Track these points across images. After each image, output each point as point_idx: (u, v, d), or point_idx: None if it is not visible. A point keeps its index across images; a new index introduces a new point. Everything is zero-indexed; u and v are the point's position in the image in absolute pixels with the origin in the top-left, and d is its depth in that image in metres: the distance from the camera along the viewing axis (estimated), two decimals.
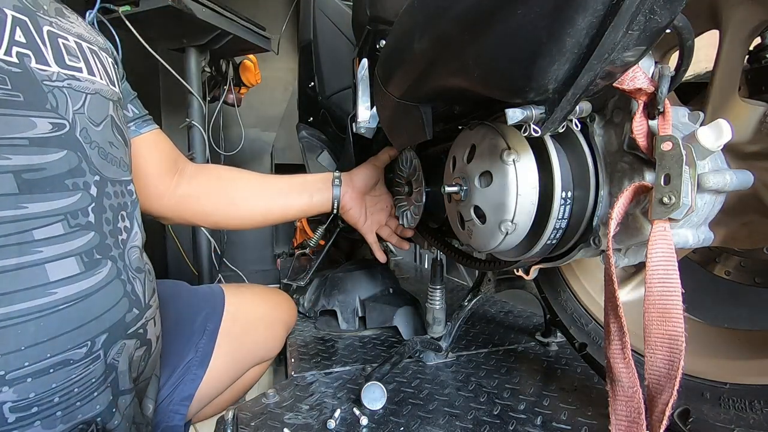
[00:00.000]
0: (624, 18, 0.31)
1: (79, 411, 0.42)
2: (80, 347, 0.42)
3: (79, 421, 0.42)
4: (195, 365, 0.68)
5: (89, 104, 0.45)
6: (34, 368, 0.39)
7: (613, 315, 0.43)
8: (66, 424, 0.41)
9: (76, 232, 0.41)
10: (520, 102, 0.40)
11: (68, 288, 0.41)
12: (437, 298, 0.85)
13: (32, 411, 0.39)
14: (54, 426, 0.40)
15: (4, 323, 0.37)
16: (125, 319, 0.47)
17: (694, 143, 0.41)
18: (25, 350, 0.38)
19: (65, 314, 0.40)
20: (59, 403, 0.41)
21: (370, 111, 0.80)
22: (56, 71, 0.42)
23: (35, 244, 0.38)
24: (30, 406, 0.39)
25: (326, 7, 1.33)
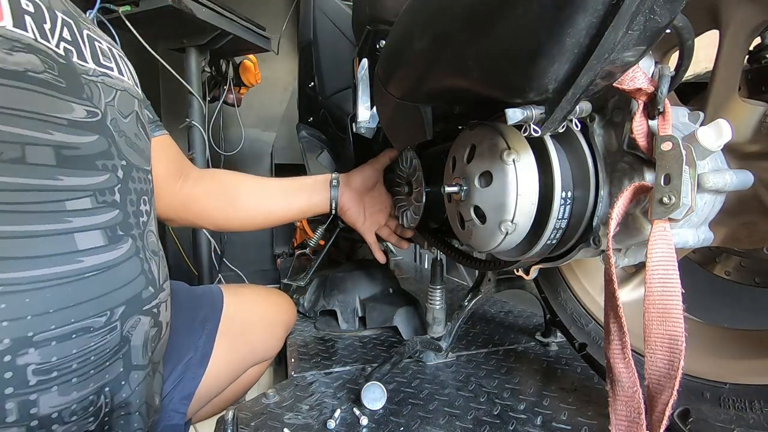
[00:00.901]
0: (624, 18, 0.31)
1: (92, 379, 0.44)
2: (100, 316, 0.44)
3: (91, 390, 0.44)
4: (194, 364, 0.68)
5: (119, 99, 0.50)
6: (59, 332, 0.41)
7: (613, 315, 0.43)
8: (79, 392, 0.43)
9: (102, 208, 0.45)
10: (520, 102, 0.40)
11: (94, 258, 0.43)
12: (437, 298, 0.85)
13: (52, 375, 0.41)
14: (69, 393, 0.42)
15: (37, 285, 0.39)
16: (141, 296, 0.49)
17: (694, 143, 0.41)
18: (52, 313, 0.40)
19: (90, 282, 0.43)
20: (76, 369, 0.42)
21: (370, 111, 0.80)
22: (93, 67, 0.47)
23: (66, 214, 0.41)
24: (51, 370, 0.41)
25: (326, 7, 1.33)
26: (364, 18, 0.80)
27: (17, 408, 0.39)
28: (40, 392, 0.40)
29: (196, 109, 1.53)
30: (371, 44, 0.79)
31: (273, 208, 0.80)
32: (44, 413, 0.41)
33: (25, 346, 0.39)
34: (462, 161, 0.58)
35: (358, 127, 0.82)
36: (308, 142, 1.32)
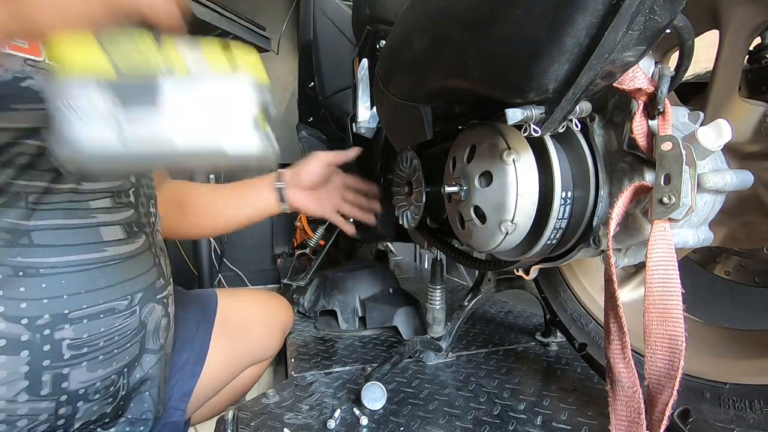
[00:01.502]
0: (624, 18, 0.31)
1: (115, 358, 0.50)
2: (123, 299, 0.50)
3: (113, 369, 0.50)
4: (191, 362, 0.69)
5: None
6: (90, 311, 0.47)
7: (613, 315, 0.43)
8: (104, 369, 0.49)
9: (120, 207, 0.51)
10: (520, 102, 0.40)
11: (116, 248, 0.50)
12: (437, 298, 0.85)
13: (83, 351, 0.47)
14: (95, 369, 0.48)
15: (71, 269, 0.46)
16: (155, 285, 0.56)
17: (694, 143, 0.41)
18: (84, 294, 0.47)
19: (113, 269, 0.50)
20: (103, 347, 0.48)
21: (370, 111, 0.80)
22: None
23: (91, 211, 0.48)
24: (82, 345, 0.46)
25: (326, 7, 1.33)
26: (364, 18, 0.80)
27: (51, 381, 0.45)
28: (72, 366, 0.46)
29: None
30: (371, 44, 0.79)
31: (223, 214, 0.80)
32: (73, 388, 0.46)
33: (61, 322, 0.45)
34: (462, 161, 0.58)
35: (358, 127, 0.82)
36: (308, 142, 1.32)
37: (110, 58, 0.26)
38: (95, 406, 0.50)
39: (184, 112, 0.27)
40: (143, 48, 0.27)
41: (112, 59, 0.26)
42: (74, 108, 0.26)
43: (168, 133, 0.26)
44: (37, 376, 0.44)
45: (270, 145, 0.29)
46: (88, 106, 0.26)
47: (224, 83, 0.28)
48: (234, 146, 0.28)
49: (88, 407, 0.49)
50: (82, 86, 0.25)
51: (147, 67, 0.26)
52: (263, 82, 0.30)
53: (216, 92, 0.27)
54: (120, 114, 0.26)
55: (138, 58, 0.27)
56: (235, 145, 0.28)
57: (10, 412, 0.44)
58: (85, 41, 0.26)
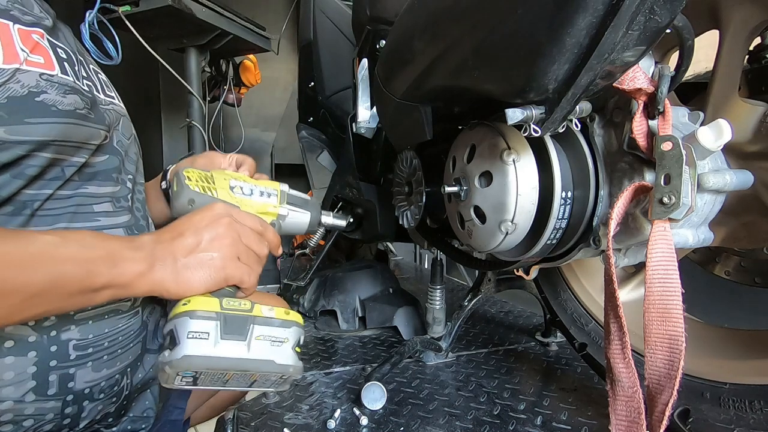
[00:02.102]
0: (624, 18, 0.31)
1: (118, 359, 0.50)
2: (126, 300, 0.50)
3: (117, 369, 0.50)
4: None
5: (122, 124, 0.56)
6: (94, 312, 0.47)
7: (613, 315, 0.43)
8: (109, 369, 0.49)
9: (120, 211, 0.52)
10: (520, 102, 0.40)
11: None
12: (437, 298, 0.85)
13: (88, 351, 0.47)
14: (100, 369, 0.48)
15: None
16: None
17: (694, 143, 0.41)
18: None
19: None
20: (108, 347, 0.49)
21: (370, 111, 0.80)
22: (103, 98, 0.54)
23: (95, 215, 0.49)
24: (87, 346, 0.46)
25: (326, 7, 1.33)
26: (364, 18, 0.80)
27: (58, 381, 0.45)
28: (78, 367, 0.46)
29: (196, 109, 1.53)
30: (371, 44, 0.79)
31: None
32: (79, 388, 0.46)
33: (67, 323, 0.45)
34: (462, 161, 0.58)
35: (358, 127, 0.82)
36: (308, 142, 1.32)
37: (221, 303, 0.43)
38: (100, 405, 0.50)
39: (260, 339, 0.44)
40: (237, 301, 0.44)
41: (223, 303, 0.43)
42: (193, 331, 0.41)
43: (244, 351, 0.43)
44: (44, 377, 0.44)
45: (300, 365, 0.45)
46: (201, 329, 0.41)
47: (283, 325, 0.45)
48: (282, 360, 0.44)
49: (94, 406, 0.49)
50: (201, 319, 0.41)
51: (240, 311, 0.43)
52: (301, 324, 0.47)
53: (278, 328, 0.45)
54: (219, 334, 0.42)
55: (236, 305, 0.44)
56: (283, 360, 0.44)
57: (17, 413, 0.44)
58: (207, 295, 0.44)
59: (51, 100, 0.43)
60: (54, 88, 0.44)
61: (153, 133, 2.19)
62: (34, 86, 0.43)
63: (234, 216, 0.48)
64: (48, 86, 0.44)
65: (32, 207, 0.44)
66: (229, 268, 0.45)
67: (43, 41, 0.46)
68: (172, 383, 0.42)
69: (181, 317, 0.41)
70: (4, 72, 0.41)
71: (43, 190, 0.45)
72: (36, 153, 0.43)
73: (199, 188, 0.52)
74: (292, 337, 0.45)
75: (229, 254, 0.45)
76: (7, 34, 0.43)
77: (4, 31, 0.43)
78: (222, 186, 0.53)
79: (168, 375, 0.40)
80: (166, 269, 0.43)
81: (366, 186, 0.93)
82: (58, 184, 0.46)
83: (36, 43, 0.45)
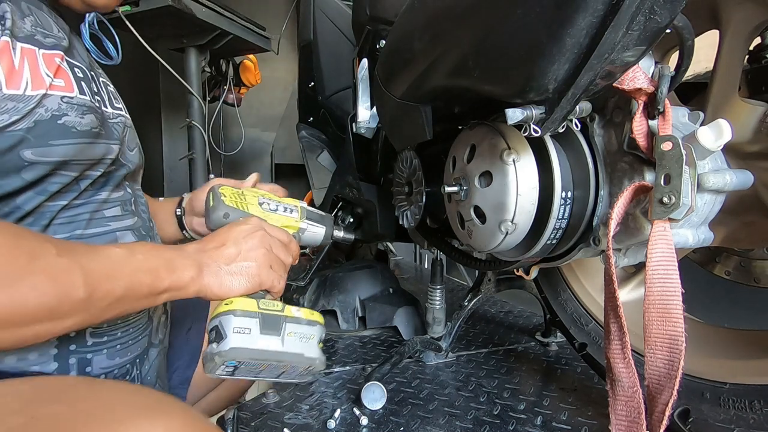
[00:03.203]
0: (624, 18, 0.31)
1: (129, 349, 0.54)
2: None
3: (128, 359, 0.54)
4: (188, 353, 0.71)
5: (128, 135, 0.59)
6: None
7: (613, 315, 0.43)
8: (121, 358, 0.53)
9: (127, 215, 0.56)
10: (520, 102, 0.40)
11: None
12: (437, 298, 0.85)
13: (104, 339, 0.51)
14: (114, 357, 0.52)
15: None
16: None
17: (694, 143, 0.41)
18: None
19: None
20: (120, 337, 0.53)
21: (370, 111, 0.80)
22: (111, 111, 0.56)
23: (106, 220, 0.53)
24: (103, 334, 0.50)
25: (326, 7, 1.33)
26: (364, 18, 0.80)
27: (77, 364, 0.49)
28: (95, 353, 0.50)
29: (196, 109, 1.53)
30: (371, 44, 0.79)
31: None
32: (95, 373, 0.50)
33: None
34: (462, 161, 0.58)
35: (358, 127, 0.82)
36: (308, 142, 1.31)
37: (258, 304, 0.49)
38: None
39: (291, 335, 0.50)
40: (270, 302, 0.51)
41: (259, 304, 0.49)
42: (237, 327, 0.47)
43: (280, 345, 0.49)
44: (65, 360, 0.48)
45: (323, 358, 0.52)
46: (243, 325, 0.47)
47: (309, 324, 0.52)
48: (309, 353, 0.51)
49: None
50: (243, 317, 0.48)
51: (275, 311, 0.50)
52: (322, 323, 0.54)
53: (305, 326, 0.51)
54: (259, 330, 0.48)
55: (270, 306, 0.50)
56: (310, 353, 0.51)
57: None
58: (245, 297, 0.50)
59: (71, 121, 0.47)
60: (73, 110, 0.48)
61: (153, 133, 2.19)
62: (56, 109, 0.46)
63: (266, 230, 0.55)
64: (68, 108, 0.47)
65: (49, 217, 0.48)
66: (263, 275, 0.51)
67: (63, 63, 0.49)
68: (216, 372, 0.48)
69: (226, 315, 0.48)
70: (33, 98, 0.45)
71: (59, 201, 0.48)
72: (57, 171, 0.47)
73: (233, 203, 0.59)
74: (317, 333, 0.52)
75: (263, 263, 0.52)
76: (34, 60, 0.46)
77: (32, 58, 0.46)
78: (252, 202, 0.60)
79: (215, 364, 0.46)
80: (212, 275, 0.49)
81: (366, 186, 0.93)
82: (74, 195, 0.49)
83: (58, 67, 0.48)
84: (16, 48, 0.45)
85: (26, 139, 0.44)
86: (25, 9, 0.48)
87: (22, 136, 0.43)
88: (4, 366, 0.45)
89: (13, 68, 0.44)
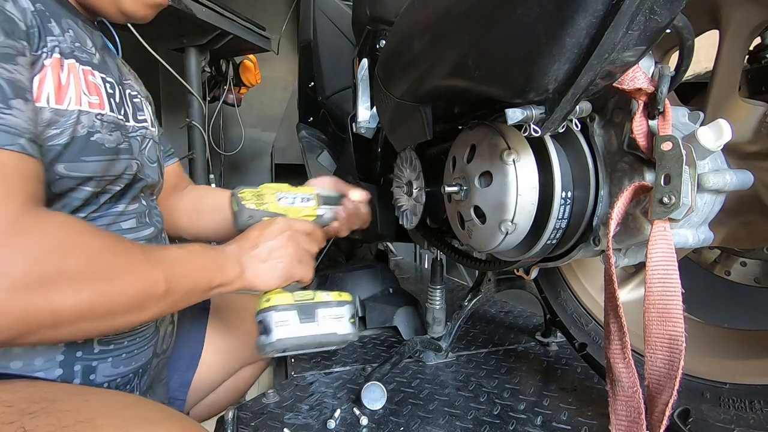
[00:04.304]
0: (624, 18, 0.31)
1: (134, 359, 0.55)
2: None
3: (132, 368, 0.55)
4: (188, 356, 0.71)
5: (149, 148, 0.61)
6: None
7: (613, 315, 0.43)
8: (125, 367, 0.54)
9: (142, 226, 0.58)
10: (520, 102, 0.40)
11: None
12: (437, 298, 0.85)
13: (110, 347, 0.52)
14: (118, 366, 0.53)
15: None
16: None
17: (694, 143, 0.41)
18: None
19: None
20: (127, 346, 0.54)
21: (370, 111, 0.80)
22: (133, 125, 0.58)
23: (124, 231, 0.55)
24: (110, 342, 0.52)
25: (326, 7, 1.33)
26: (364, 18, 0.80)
27: (81, 372, 0.49)
28: (100, 361, 0.51)
29: (196, 109, 1.53)
30: (371, 44, 0.79)
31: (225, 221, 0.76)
32: (99, 381, 0.51)
33: None
34: (462, 161, 0.58)
35: (358, 127, 0.82)
36: (308, 142, 1.31)
37: (293, 296, 0.57)
38: None
39: (324, 318, 0.57)
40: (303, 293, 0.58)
41: (294, 296, 0.57)
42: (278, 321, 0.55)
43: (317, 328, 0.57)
44: (70, 366, 0.48)
45: (355, 330, 0.60)
46: (284, 318, 0.55)
47: (339, 305, 0.59)
48: (342, 330, 0.58)
49: None
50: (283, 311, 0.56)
51: (308, 300, 0.58)
52: (350, 300, 0.61)
53: (336, 308, 0.59)
54: (297, 320, 0.56)
55: (304, 296, 0.58)
56: (343, 330, 0.58)
57: None
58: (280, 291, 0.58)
59: (101, 139, 0.49)
60: (104, 127, 0.50)
61: None
62: (90, 126, 0.48)
63: (292, 227, 0.61)
64: (100, 126, 0.49)
65: None
66: (293, 269, 0.59)
67: (97, 80, 0.51)
68: (268, 356, 0.57)
69: (268, 311, 0.56)
70: (72, 114, 0.46)
71: (78, 214, 0.50)
72: (81, 186, 0.48)
73: (254, 205, 0.65)
74: (347, 312, 0.59)
75: (293, 258, 0.59)
76: (77, 76, 0.48)
77: (75, 74, 0.48)
78: (271, 200, 0.66)
79: (266, 352, 0.55)
80: (251, 272, 0.56)
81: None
82: (93, 208, 0.51)
83: (93, 84, 0.50)
84: (64, 65, 0.47)
85: (63, 153, 0.45)
86: (65, 24, 0.49)
87: (60, 151, 0.45)
88: (10, 370, 0.46)
89: (61, 84, 0.46)
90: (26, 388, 0.42)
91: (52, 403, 0.40)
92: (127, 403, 0.45)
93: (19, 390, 0.41)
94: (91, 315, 0.41)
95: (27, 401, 0.39)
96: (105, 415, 0.39)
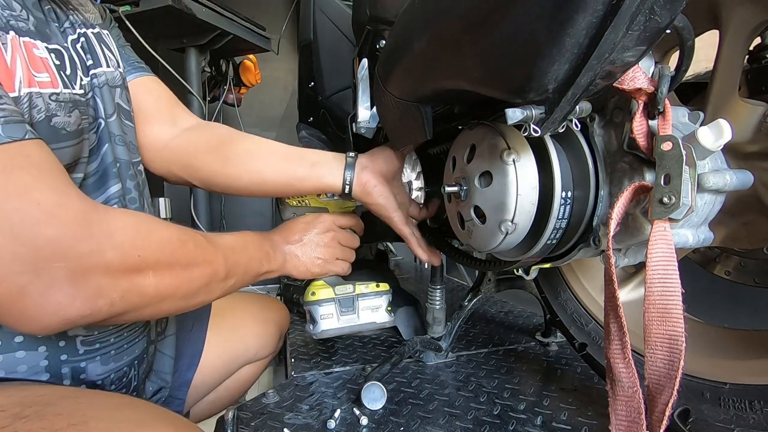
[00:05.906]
0: (624, 18, 0.31)
1: (125, 353, 0.55)
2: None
3: (125, 362, 0.55)
4: (189, 355, 0.71)
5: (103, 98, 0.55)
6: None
7: (613, 315, 0.43)
8: (117, 363, 0.54)
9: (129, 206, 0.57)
10: (520, 102, 0.40)
11: None
12: (437, 298, 0.85)
13: (95, 347, 0.51)
14: (108, 363, 0.53)
15: None
16: None
17: (694, 143, 0.41)
18: None
19: None
20: (114, 343, 0.53)
21: (370, 111, 0.80)
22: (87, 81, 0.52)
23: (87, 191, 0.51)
24: (94, 341, 0.51)
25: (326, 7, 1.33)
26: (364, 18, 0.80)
27: (71, 373, 0.49)
28: (88, 360, 0.50)
29: (196, 109, 1.53)
30: (371, 44, 0.79)
31: (264, 171, 0.65)
32: (91, 379, 0.51)
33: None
34: (462, 161, 0.58)
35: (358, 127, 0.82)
36: (308, 142, 1.31)
37: (334, 290, 0.67)
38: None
39: (363, 309, 0.67)
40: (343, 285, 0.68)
41: (335, 290, 0.67)
42: (322, 314, 0.67)
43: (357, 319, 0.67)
44: (56, 369, 0.48)
45: (392, 318, 0.70)
46: (327, 312, 0.67)
47: (377, 296, 0.68)
48: (380, 320, 0.69)
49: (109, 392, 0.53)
50: (326, 305, 0.67)
51: (348, 294, 0.67)
52: (387, 289, 0.70)
53: (373, 298, 0.68)
54: (339, 313, 0.67)
55: (344, 289, 0.67)
56: (381, 320, 0.69)
57: None
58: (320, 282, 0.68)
59: (61, 122, 0.45)
60: (61, 109, 0.45)
61: None
62: (47, 110, 0.44)
63: (334, 222, 0.67)
64: (57, 108, 0.45)
65: None
66: (330, 264, 0.66)
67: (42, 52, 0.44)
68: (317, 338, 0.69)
69: (314, 305, 0.67)
70: (22, 99, 0.40)
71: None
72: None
73: (296, 202, 0.71)
74: (384, 302, 0.68)
75: (331, 256, 0.66)
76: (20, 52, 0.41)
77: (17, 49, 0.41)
78: (311, 195, 0.71)
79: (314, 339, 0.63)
80: (293, 262, 0.64)
81: None
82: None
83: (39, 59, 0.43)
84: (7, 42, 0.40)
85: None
86: None
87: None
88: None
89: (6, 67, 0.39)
90: (19, 392, 0.42)
91: (44, 407, 0.39)
92: (120, 404, 0.44)
93: (12, 394, 0.41)
94: (172, 297, 0.46)
95: (20, 405, 0.39)
96: (97, 417, 0.39)
